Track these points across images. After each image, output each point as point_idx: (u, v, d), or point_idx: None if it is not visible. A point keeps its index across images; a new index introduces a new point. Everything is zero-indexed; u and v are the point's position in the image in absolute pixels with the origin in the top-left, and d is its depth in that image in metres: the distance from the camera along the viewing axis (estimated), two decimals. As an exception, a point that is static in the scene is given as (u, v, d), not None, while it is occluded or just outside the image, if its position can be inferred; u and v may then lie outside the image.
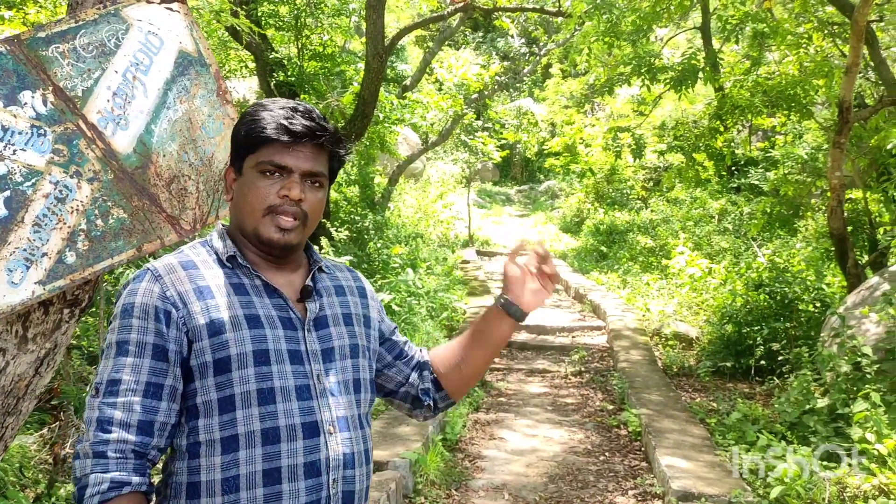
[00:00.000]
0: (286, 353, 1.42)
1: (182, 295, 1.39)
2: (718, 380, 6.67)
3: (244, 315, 1.41)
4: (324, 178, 1.47)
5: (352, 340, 1.53)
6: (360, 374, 1.53)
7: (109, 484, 1.29)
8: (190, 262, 1.44)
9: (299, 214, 1.44)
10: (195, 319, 1.38)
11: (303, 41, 10.86)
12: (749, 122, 11.40)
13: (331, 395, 1.46)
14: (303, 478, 1.38)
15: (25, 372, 1.83)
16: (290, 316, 1.46)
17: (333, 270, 1.62)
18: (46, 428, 4.25)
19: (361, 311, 1.60)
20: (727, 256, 9.91)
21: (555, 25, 18.62)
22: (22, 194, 1.69)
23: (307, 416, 1.41)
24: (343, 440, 1.44)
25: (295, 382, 1.42)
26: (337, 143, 1.47)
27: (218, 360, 1.38)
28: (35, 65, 1.72)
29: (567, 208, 18.44)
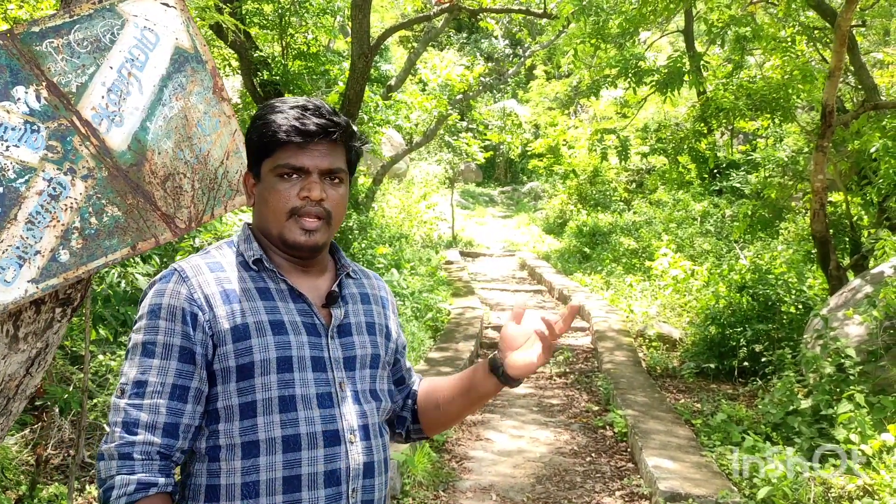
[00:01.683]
0: (309, 359, 1.41)
1: (209, 298, 1.38)
2: (702, 381, 6.72)
3: (269, 321, 1.40)
4: (343, 174, 1.46)
5: (374, 350, 1.52)
6: (377, 385, 1.52)
7: (136, 485, 1.29)
8: (217, 265, 1.43)
9: (323, 214, 1.42)
10: (220, 324, 1.37)
11: (287, 40, 10.81)
12: (731, 125, 11.53)
13: (352, 403, 1.45)
14: (323, 486, 1.38)
15: (16, 372, 1.80)
16: (315, 322, 1.45)
17: (360, 277, 1.60)
18: (28, 429, 4.19)
19: (384, 322, 1.58)
20: (710, 258, 9.99)
21: (539, 27, 18.69)
22: (15, 191, 1.66)
23: (329, 424, 1.40)
24: (363, 449, 1.44)
25: (317, 390, 1.41)
26: (351, 136, 1.46)
27: (241, 365, 1.37)
28: (28, 60, 1.69)
29: (550, 209, 18.51)
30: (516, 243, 16.66)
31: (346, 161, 1.47)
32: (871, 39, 12.43)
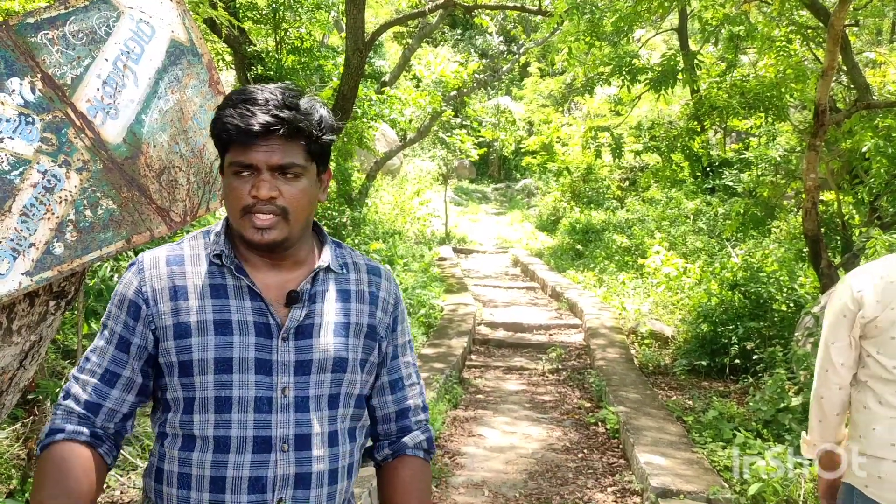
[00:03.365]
0: (253, 361, 1.37)
1: (156, 292, 1.39)
2: (694, 378, 6.75)
3: (214, 320, 1.38)
4: (298, 168, 1.37)
5: (338, 353, 1.42)
6: (341, 389, 1.43)
7: (48, 432, 1.35)
8: (178, 258, 1.42)
9: (276, 211, 1.36)
10: (163, 319, 1.38)
11: (281, 35, 10.78)
12: (725, 124, 11.57)
13: (296, 410, 1.39)
14: (246, 492, 1.35)
15: (9, 365, 1.79)
16: (269, 322, 1.39)
17: (348, 271, 1.50)
18: (20, 422, 4.17)
19: (365, 321, 1.48)
20: (702, 256, 10.03)
21: (533, 24, 18.69)
22: (9, 183, 1.65)
23: (261, 430, 1.37)
24: (296, 459, 1.38)
25: (256, 393, 1.37)
26: (298, 131, 1.35)
27: (181, 362, 1.37)
28: (23, 51, 1.69)
29: (543, 207, 18.53)
30: (509, 240, 16.68)
31: (305, 153, 1.38)
32: (863, 39, 12.50)
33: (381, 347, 1.51)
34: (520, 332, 8.79)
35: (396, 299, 1.54)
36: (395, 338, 1.54)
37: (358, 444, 1.49)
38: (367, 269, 1.53)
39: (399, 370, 1.54)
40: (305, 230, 1.45)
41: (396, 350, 1.54)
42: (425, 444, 1.56)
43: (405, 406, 1.55)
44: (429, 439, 1.57)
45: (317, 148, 1.39)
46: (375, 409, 1.54)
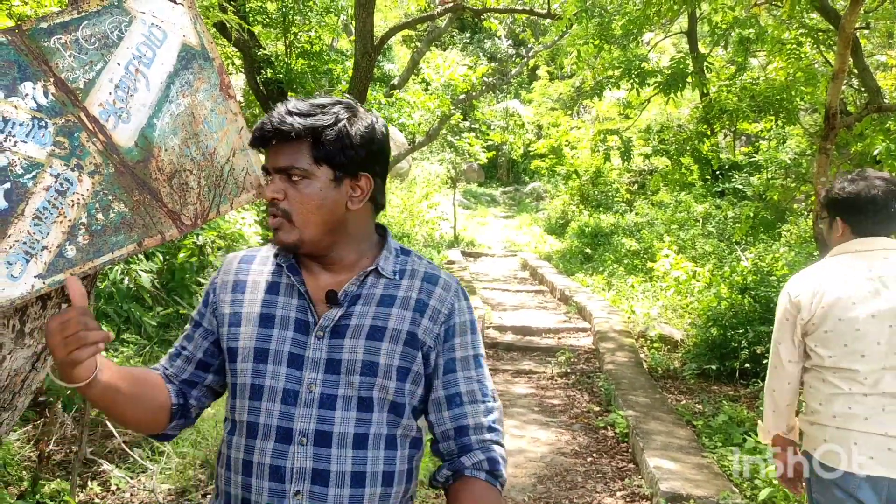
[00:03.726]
0: (286, 355, 1.43)
1: (223, 284, 1.55)
2: (704, 382, 6.72)
3: (260, 313, 1.48)
4: (300, 170, 1.40)
5: (368, 356, 1.43)
6: (374, 394, 1.43)
7: None
8: (251, 257, 1.58)
9: (279, 213, 1.42)
10: (221, 308, 1.53)
11: (291, 38, 10.82)
12: (734, 127, 11.52)
13: (319, 406, 1.41)
14: (267, 479, 1.40)
15: (22, 367, 1.80)
16: (308, 319, 1.45)
17: (402, 278, 1.50)
18: (31, 424, 4.20)
19: (405, 327, 1.45)
20: (711, 260, 9.99)
21: (542, 27, 18.69)
22: (22, 187, 1.66)
23: (284, 421, 1.41)
24: (313, 454, 1.39)
25: (284, 385, 1.42)
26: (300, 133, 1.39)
27: (230, 348, 1.50)
28: (36, 56, 1.70)
29: (552, 210, 18.52)
30: (518, 243, 16.67)
31: (311, 156, 1.41)
32: (874, 42, 12.43)
33: (430, 358, 1.47)
34: (528, 336, 8.78)
35: (451, 310, 1.49)
36: (451, 350, 1.48)
37: (403, 453, 1.47)
38: (423, 277, 1.51)
39: (457, 385, 1.48)
40: (336, 236, 1.46)
41: (453, 363, 1.48)
42: (486, 464, 1.45)
43: (464, 423, 1.47)
44: (490, 459, 1.45)
45: (324, 152, 1.41)
46: (433, 426, 1.50)
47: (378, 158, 1.48)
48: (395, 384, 1.44)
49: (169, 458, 4.17)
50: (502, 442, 1.50)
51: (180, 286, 6.05)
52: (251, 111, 11.88)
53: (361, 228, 1.50)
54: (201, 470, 4.17)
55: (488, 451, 1.46)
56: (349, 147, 1.42)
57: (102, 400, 1.40)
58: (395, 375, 1.44)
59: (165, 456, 4.18)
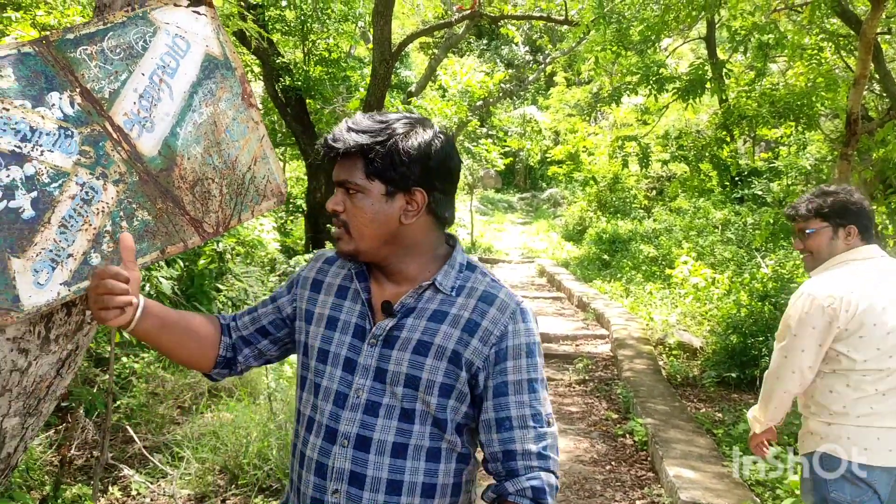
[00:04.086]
0: (343, 358, 1.51)
1: (305, 280, 1.67)
2: (723, 390, 6.66)
3: (328, 315, 1.58)
4: (355, 185, 1.47)
5: (411, 370, 1.45)
6: (416, 406, 1.45)
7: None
8: (334, 258, 1.66)
9: (339, 224, 1.51)
10: (300, 302, 1.65)
11: (309, 46, 10.90)
12: (754, 133, 11.44)
13: (364, 412, 1.46)
14: (314, 473, 1.48)
15: (47, 373, 1.82)
16: (366, 326, 1.51)
17: (458, 295, 1.51)
18: (53, 430, 4.24)
19: (450, 345, 1.46)
20: (731, 267, 9.91)
21: (559, 34, 18.68)
22: (49, 195, 1.69)
23: (332, 421, 1.48)
24: (352, 457, 1.44)
25: (337, 387, 1.50)
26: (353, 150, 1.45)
27: (304, 343, 1.61)
28: (63, 66, 1.73)
29: (569, 216, 18.47)
30: (535, 250, 16.63)
31: (364, 171, 1.46)
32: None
33: (479, 378, 1.46)
34: (546, 343, 8.75)
35: (504, 332, 1.46)
36: (503, 373, 1.46)
37: (448, 467, 1.47)
38: (480, 297, 1.50)
39: (507, 409, 1.46)
40: (392, 248, 1.50)
41: (505, 386, 1.46)
42: (529, 492, 1.42)
43: (511, 448, 1.45)
44: (535, 488, 1.42)
45: (375, 167, 1.45)
46: (483, 446, 1.50)
47: (436, 174, 1.49)
48: (436, 400, 1.45)
49: (189, 464, 4.19)
50: (553, 469, 1.46)
51: (199, 292, 6.09)
52: (269, 118, 11.97)
53: (420, 242, 1.52)
54: (220, 476, 4.19)
55: (533, 479, 1.43)
56: (400, 163, 1.45)
57: (144, 340, 1.56)
58: (437, 391, 1.45)
59: (185, 461, 4.21)
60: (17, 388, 1.78)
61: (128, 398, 4.71)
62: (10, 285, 1.64)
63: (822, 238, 2.55)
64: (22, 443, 1.85)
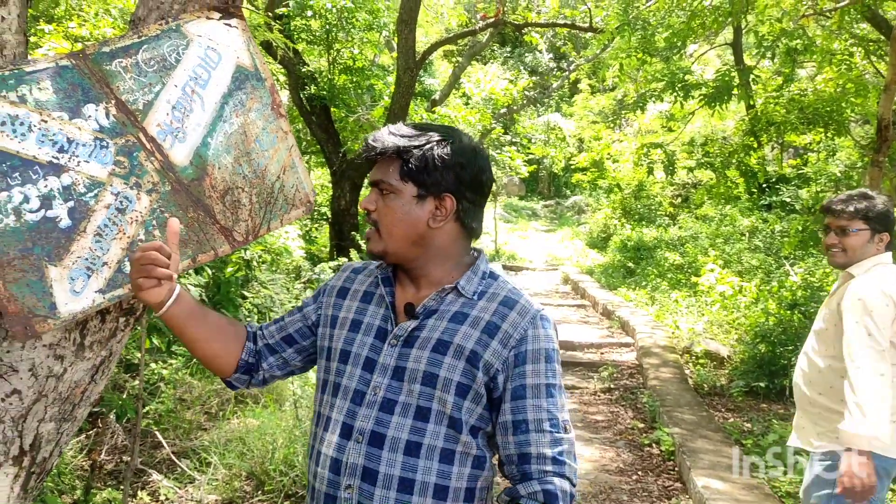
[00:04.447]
0: (364, 358, 1.54)
1: (332, 289, 1.72)
2: (752, 400, 6.57)
3: (352, 319, 1.62)
4: (388, 185, 1.52)
5: (429, 368, 1.47)
6: (432, 405, 1.47)
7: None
8: (361, 268, 1.74)
9: (371, 223, 1.55)
10: (326, 309, 1.69)
11: (334, 55, 10.99)
12: (782, 139, 11.32)
13: (380, 409, 1.49)
14: (328, 469, 1.50)
15: (82, 379, 1.86)
16: (388, 328, 1.55)
17: (479, 298, 1.54)
18: (84, 434, 4.31)
19: (469, 345, 1.47)
20: (758, 275, 9.79)
21: (583, 41, 18.64)
22: (84, 205, 1.72)
23: (348, 417, 1.51)
24: (366, 453, 1.46)
25: (356, 386, 1.53)
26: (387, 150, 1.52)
27: (326, 347, 1.64)
28: (99, 79, 1.76)
29: (594, 224, 18.38)
30: (559, 257, 16.57)
31: (399, 173, 1.51)
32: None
33: (497, 381, 1.48)
34: (570, 351, 8.70)
35: (524, 336, 1.48)
36: (522, 376, 1.48)
37: (462, 470, 1.48)
38: (501, 301, 1.53)
39: (524, 412, 1.47)
40: (419, 251, 1.54)
41: (523, 389, 1.47)
42: (541, 495, 1.42)
43: (526, 451, 1.46)
44: (546, 492, 1.42)
45: (409, 170, 1.50)
46: (499, 449, 1.52)
47: (468, 184, 1.53)
48: (452, 398, 1.47)
49: (216, 470, 4.23)
50: (568, 475, 1.46)
51: (226, 299, 6.16)
52: (294, 126, 12.08)
53: (446, 247, 1.56)
54: (247, 481, 4.23)
55: (546, 483, 1.44)
56: (434, 168, 1.50)
57: (173, 328, 1.60)
58: (454, 390, 1.47)
59: (212, 467, 4.25)
60: (52, 394, 1.81)
61: (156, 404, 4.77)
62: (48, 293, 1.68)
63: (860, 239, 2.67)
64: (57, 448, 1.89)
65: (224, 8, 1.91)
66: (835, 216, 2.75)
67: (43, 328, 1.68)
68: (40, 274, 1.67)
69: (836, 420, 2.60)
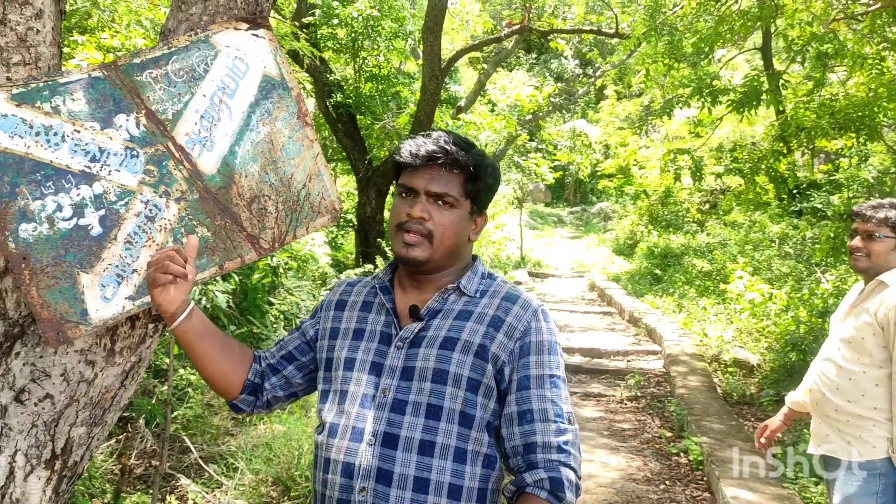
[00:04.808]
0: (370, 364, 1.56)
1: (329, 303, 1.75)
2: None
3: (353, 328, 1.64)
4: (452, 199, 1.55)
5: (439, 364, 1.50)
6: (444, 403, 1.49)
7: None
8: (356, 281, 1.78)
9: (423, 231, 1.54)
10: (324, 323, 1.72)
11: (359, 63, 11.07)
12: (812, 145, 11.15)
13: (390, 410, 1.50)
14: (340, 474, 1.50)
15: (112, 384, 1.89)
16: (391, 332, 1.57)
17: (481, 296, 1.60)
18: (114, 439, 4.37)
19: (476, 340, 1.51)
20: (789, 282, 9.64)
21: (610, 47, 18.56)
22: (115, 213, 1.75)
23: (358, 421, 1.51)
24: (379, 454, 1.47)
25: (364, 390, 1.54)
26: (458, 164, 1.55)
27: (327, 358, 1.65)
28: (130, 89, 1.80)
29: (620, 230, 18.25)
30: (585, 264, 16.48)
31: (461, 188, 1.56)
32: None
33: (504, 373, 1.51)
34: (597, 358, 8.64)
35: (528, 328, 1.54)
36: (526, 367, 1.52)
37: (474, 470, 1.49)
38: (504, 297, 1.59)
39: (529, 402, 1.50)
40: (451, 260, 1.60)
41: (527, 380, 1.51)
42: (547, 483, 1.44)
43: (532, 441, 1.48)
44: (553, 479, 1.44)
45: (474, 188, 1.57)
46: (504, 441, 1.52)
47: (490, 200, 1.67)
48: (464, 394, 1.49)
49: (243, 475, 4.27)
50: (573, 465, 1.48)
51: (253, 306, 6.22)
52: (321, 134, 12.18)
53: (465, 256, 1.65)
54: (273, 487, 4.26)
55: (552, 471, 1.45)
56: (488, 190, 1.61)
57: (183, 343, 1.62)
58: (465, 385, 1.49)
59: (239, 472, 4.29)
60: (84, 399, 1.85)
61: (185, 409, 4.83)
62: (79, 299, 1.71)
63: (885, 246, 2.72)
64: (88, 452, 1.92)
65: (252, 19, 1.94)
66: (863, 220, 2.78)
67: (75, 334, 1.71)
68: (72, 281, 1.70)
69: (867, 428, 2.59)
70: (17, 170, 1.67)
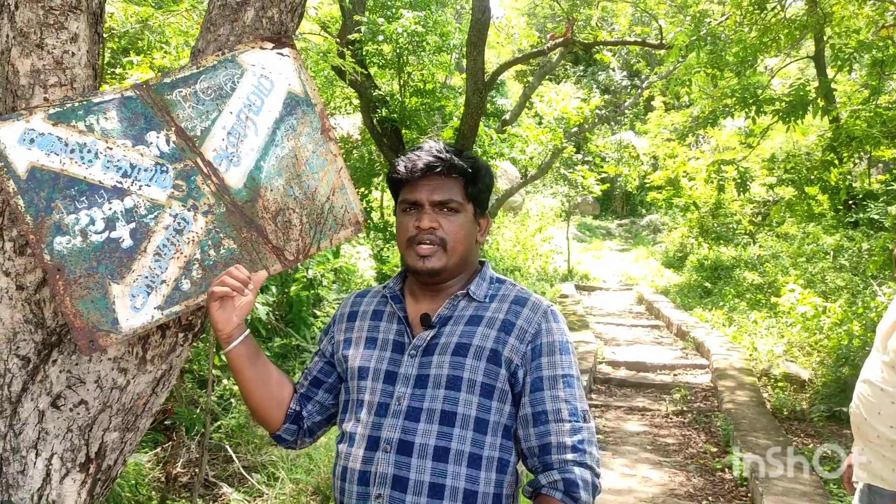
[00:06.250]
0: (384, 372, 1.58)
1: (341, 317, 1.78)
2: (834, 425, 6.27)
3: (366, 337, 1.67)
4: (456, 204, 1.59)
5: (453, 371, 1.52)
6: (458, 409, 1.50)
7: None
8: (366, 292, 1.80)
9: (437, 241, 1.58)
10: (337, 336, 1.75)
11: (404, 78, 11.20)
12: (868, 154, 10.83)
13: (405, 417, 1.51)
14: (356, 483, 1.52)
15: (144, 391, 1.96)
16: (405, 341, 1.60)
17: (491, 301, 1.62)
18: (160, 447, 4.50)
19: (489, 345, 1.54)
20: (843, 295, 9.35)
21: (657, 57, 18.38)
22: (145, 226, 1.83)
23: (373, 430, 1.54)
24: (395, 461, 1.49)
25: (378, 399, 1.56)
26: (456, 169, 1.59)
27: (343, 369, 1.69)
28: (160, 108, 1.88)
29: (670, 243, 17.97)
30: (634, 277, 16.26)
31: (462, 192, 1.60)
32: None
33: (518, 376, 1.54)
34: (643, 372, 8.52)
35: (539, 330, 1.56)
36: (538, 368, 1.54)
37: (489, 476, 1.50)
38: (513, 300, 1.62)
39: (543, 403, 1.52)
40: (463, 266, 1.64)
41: (540, 381, 1.53)
42: (561, 484, 1.45)
43: (547, 441, 1.50)
44: (566, 480, 1.45)
45: (474, 190, 1.62)
46: (520, 443, 1.55)
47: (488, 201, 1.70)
48: (478, 399, 1.51)
49: (283, 484, 4.34)
50: (588, 463, 1.48)
51: (297, 318, 6.33)
52: (367, 148, 12.34)
53: (474, 261, 1.68)
54: (313, 497, 4.32)
55: (566, 472, 1.46)
56: (485, 189, 1.66)
57: (234, 367, 1.67)
58: (479, 391, 1.51)
59: (280, 482, 4.36)
60: (116, 405, 1.92)
61: (228, 419, 4.94)
62: (111, 309, 1.79)
63: None
64: (121, 456, 2.00)
65: (277, 38, 2.01)
66: None
67: (106, 342, 1.79)
68: (104, 291, 1.79)
69: None
70: (52, 185, 1.76)
